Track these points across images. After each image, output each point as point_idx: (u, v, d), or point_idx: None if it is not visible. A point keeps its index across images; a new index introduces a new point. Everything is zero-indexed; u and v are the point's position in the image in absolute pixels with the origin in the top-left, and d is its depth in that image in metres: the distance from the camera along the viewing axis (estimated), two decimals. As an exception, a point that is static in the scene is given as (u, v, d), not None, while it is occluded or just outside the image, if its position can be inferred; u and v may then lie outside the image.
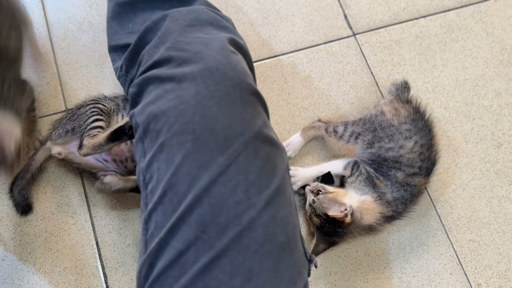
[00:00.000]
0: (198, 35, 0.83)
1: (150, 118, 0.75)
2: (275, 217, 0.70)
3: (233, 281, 0.65)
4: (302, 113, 1.22)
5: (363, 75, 1.28)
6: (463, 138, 1.25)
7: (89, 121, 0.99)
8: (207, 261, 0.65)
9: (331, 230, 0.98)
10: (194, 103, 0.72)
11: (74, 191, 1.08)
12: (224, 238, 0.66)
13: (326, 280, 1.08)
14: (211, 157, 0.69)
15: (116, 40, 0.97)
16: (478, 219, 1.17)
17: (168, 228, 0.68)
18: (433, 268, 1.11)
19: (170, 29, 0.84)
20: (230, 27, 0.91)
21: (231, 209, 0.67)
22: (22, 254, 1.02)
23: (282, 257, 0.70)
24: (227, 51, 0.80)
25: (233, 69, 0.77)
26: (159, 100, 0.75)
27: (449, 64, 1.33)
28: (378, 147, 1.05)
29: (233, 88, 0.75)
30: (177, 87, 0.75)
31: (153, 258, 0.69)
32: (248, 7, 1.32)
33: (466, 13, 1.40)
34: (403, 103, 1.10)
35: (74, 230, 1.05)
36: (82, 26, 1.24)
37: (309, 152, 1.19)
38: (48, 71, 1.18)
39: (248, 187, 0.69)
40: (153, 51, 0.84)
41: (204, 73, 0.75)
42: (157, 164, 0.73)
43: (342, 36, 1.32)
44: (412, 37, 1.34)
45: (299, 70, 1.27)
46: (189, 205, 0.67)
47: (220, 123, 0.71)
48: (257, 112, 0.77)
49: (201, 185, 0.68)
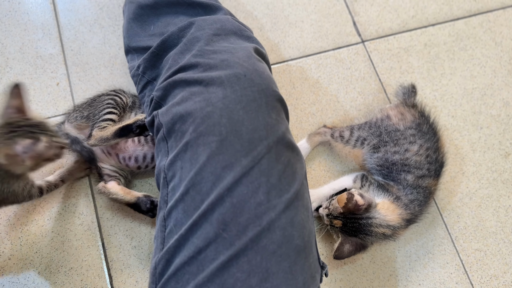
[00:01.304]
0: (224, 44, 0.85)
1: (176, 118, 0.76)
2: (293, 220, 0.71)
3: (250, 280, 0.65)
4: (310, 119, 1.22)
5: (371, 82, 1.28)
6: (470, 147, 1.25)
7: (103, 112, 1.01)
8: (226, 259, 0.66)
9: (355, 224, 0.97)
10: (221, 106, 0.74)
11: (81, 192, 1.09)
12: (244, 237, 0.67)
13: (331, 286, 1.07)
14: (235, 159, 0.71)
15: (136, 42, 0.98)
16: (485, 228, 1.17)
17: (188, 225, 0.69)
18: (438, 277, 1.11)
19: (197, 37, 0.86)
20: (253, 37, 0.93)
21: (252, 209, 0.68)
22: (28, 254, 1.03)
23: (297, 260, 0.70)
24: (253, 59, 0.83)
25: (259, 75, 0.79)
26: (186, 101, 0.77)
27: (458, 72, 1.33)
28: (384, 151, 1.06)
29: (259, 94, 0.77)
30: (204, 90, 0.76)
31: (171, 254, 0.70)
32: (257, 12, 1.33)
33: (475, 22, 1.40)
34: (408, 108, 1.10)
35: (81, 231, 1.06)
36: (92, 28, 1.25)
37: (315, 157, 1.19)
38: (58, 72, 1.19)
39: (269, 189, 0.71)
40: (178, 57, 0.85)
41: (232, 79, 0.77)
42: (180, 163, 0.74)
43: (350, 42, 1.33)
44: (421, 45, 1.35)
45: (308, 75, 1.27)
46: (211, 204, 0.68)
47: (245, 126, 0.73)
48: (281, 118, 0.79)
49: (225, 185, 0.69)
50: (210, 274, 0.66)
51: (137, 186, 1.10)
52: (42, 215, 1.06)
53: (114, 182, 1.03)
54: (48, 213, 1.06)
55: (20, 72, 1.18)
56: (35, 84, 1.17)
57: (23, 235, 1.04)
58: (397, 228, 0.97)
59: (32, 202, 1.06)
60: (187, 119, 0.75)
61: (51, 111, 1.15)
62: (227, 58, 0.81)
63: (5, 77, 1.17)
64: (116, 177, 1.04)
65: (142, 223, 1.07)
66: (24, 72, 1.18)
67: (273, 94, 0.79)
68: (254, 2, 1.34)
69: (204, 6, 0.97)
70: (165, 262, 0.70)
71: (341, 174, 1.17)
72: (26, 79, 1.17)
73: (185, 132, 0.75)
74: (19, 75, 1.18)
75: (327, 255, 1.09)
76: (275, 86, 0.82)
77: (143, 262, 1.04)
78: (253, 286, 0.65)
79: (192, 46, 0.86)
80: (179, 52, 0.87)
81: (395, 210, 0.98)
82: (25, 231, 1.04)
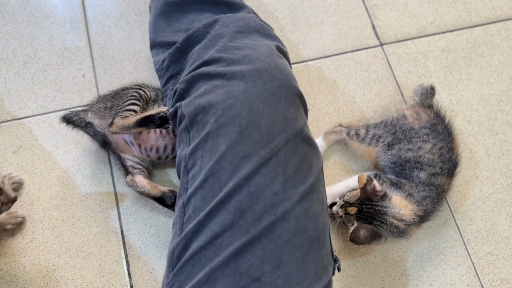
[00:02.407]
0: (246, 41, 0.88)
1: (198, 109, 0.79)
2: (307, 212, 0.73)
3: (263, 266, 0.68)
4: (326, 118, 1.25)
5: (388, 85, 1.30)
6: (485, 152, 1.26)
7: (126, 103, 1.04)
8: (241, 244, 0.68)
9: (371, 210, 0.97)
10: (242, 99, 0.76)
11: (103, 180, 1.12)
12: (259, 225, 0.69)
13: (343, 282, 1.09)
14: (254, 150, 0.73)
15: (162, 37, 1.01)
16: (497, 232, 1.18)
17: (207, 211, 0.71)
18: (450, 278, 1.12)
19: (221, 33, 0.89)
20: (275, 35, 0.96)
21: (268, 199, 0.71)
22: (49, 238, 1.06)
23: (310, 250, 0.72)
24: (274, 55, 0.85)
25: (280, 71, 0.82)
26: (208, 94, 0.80)
27: (474, 78, 1.34)
28: (398, 148, 1.08)
29: (279, 89, 0.79)
30: (227, 83, 0.79)
31: (188, 239, 0.72)
32: (279, 13, 1.36)
33: (493, 30, 1.41)
34: (424, 108, 1.12)
35: (101, 218, 1.09)
36: (118, 23, 1.29)
37: (331, 156, 1.21)
38: (84, 64, 1.23)
39: (285, 180, 0.73)
40: (202, 52, 0.88)
41: (253, 73, 0.79)
42: (201, 152, 0.77)
43: (369, 45, 1.35)
44: (439, 50, 1.36)
45: (326, 76, 1.30)
46: (229, 192, 0.71)
47: (265, 119, 0.75)
48: (299, 113, 0.81)
49: (243, 174, 0.71)
50: (225, 259, 0.68)
51: (156, 176, 1.13)
52: (64, 200, 1.09)
53: (141, 176, 1.07)
54: (70, 200, 1.10)
55: (48, 62, 1.22)
56: (61, 74, 1.21)
57: (45, 220, 1.07)
58: (410, 224, 0.98)
59: (55, 188, 1.10)
60: (209, 110, 0.78)
61: (76, 101, 1.19)
62: (249, 54, 0.83)
63: (34, 67, 1.21)
64: (141, 170, 1.07)
65: (160, 213, 1.10)
66: (52, 63, 1.22)
67: (293, 89, 0.82)
68: (276, 3, 1.37)
69: (228, 4, 1.00)
70: (182, 246, 0.73)
71: (355, 173, 1.19)
72: (53, 70, 1.21)
73: (206, 123, 0.78)
74: (47, 66, 1.22)
75: (340, 252, 1.11)
76: (295, 82, 0.84)
77: (160, 250, 1.07)
78: (266, 272, 0.68)
79: (216, 42, 0.88)
80: (203, 47, 0.89)
81: (408, 206, 1.00)
82: (47, 215, 1.08)
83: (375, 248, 1.13)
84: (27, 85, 1.19)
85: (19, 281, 1.02)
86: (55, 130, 1.15)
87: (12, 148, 1.13)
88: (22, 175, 1.10)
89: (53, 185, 1.11)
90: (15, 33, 1.24)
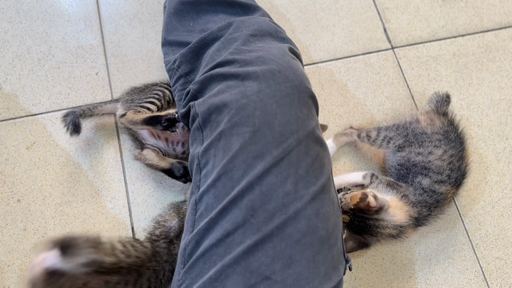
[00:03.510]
0: (259, 45, 0.88)
1: (212, 109, 0.80)
2: (319, 212, 0.74)
3: (274, 265, 0.68)
4: (337, 120, 1.25)
5: (399, 88, 1.31)
6: (495, 156, 1.26)
7: (145, 100, 1.06)
8: (252, 243, 0.69)
9: (361, 223, 0.99)
10: (256, 99, 0.77)
11: (114, 177, 1.13)
12: (270, 224, 0.69)
13: (351, 284, 1.09)
14: (266, 149, 0.73)
15: (174, 36, 1.02)
16: (506, 237, 1.18)
17: (219, 209, 0.72)
18: (458, 282, 1.12)
19: (235, 38, 0.89)
20: (288, 38, 0.96)
21: (280, 198, 0.71)
22: (61, 233, 1.07)
23: (321, 250, 0.73)
24: (287, 57, 0.86)
25: (293, 72, 0.82)
26: (222, 93, 0.80)
27: (485, 83, 1.34)
28: (408, 151, 1.08)
29: (292, 90, 0.79)
30: (240, 84, 0.80)
31: (200, 236, 0.73)
32: (291, 15, 1.36)
33: (504, 35, 1.41)
34: (439, 115, 1.12)
35: (112, 214, 1.10)
36: (132, 22, 1.30)
37: (341, 158, 1.21)
38: (98, 62, 1.24)
39: (297, 180, 0.73)
40: (215, 55, 0.89)
41: (267, 74, 0.80)
42: (214, 150, 0.77)
43: (380, 48, 1.35)
44: (450, 55, 1.36)
45: (337, 78, 1.30)
46: (241, 190, 0.71)
47: (278, 119, 0.76)
48: (311, 114, 0.81)
49: (255, 174, 0.72)
50: (236, 256, 0.69)
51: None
52: (76, 197, 1.10)
53: (149, 149, 1.08)
54: (81, 196, 1.11)
55: (62, 60, 1.24)
56: (75, 72, 1.22)
57: (57, 215, 1.09)
58: (405, 227, 0.99)
59: (68, 185, 1.11)
60: (222, 110, 0.78)
61: (89, 98, 1.20)
62: (262, 55, 0.84)
63: (48, 64, 1.23)
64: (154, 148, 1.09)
65: (170, 211, 1.11)
66: (66, 60, 1.24)
67: (306, 90, 0.82)
68: (288, 5, 1.37)
69: (243, 6, 1.01)
70: (194, 244, 0.74)
71: (365, 176, 1.19)
72: (67, 67, 1.23)
73: (220, 122, 0.78)
74: (61, 63, 1.23)
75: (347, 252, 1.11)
76: (308, 83, 0.85)
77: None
78: (277, 271, 0.68)
79: (230, 45, 0.89)
80: (216, 50, 0.90)
81: (403, 207, 1.01)
82: (59, 211, 1.09)
83: (384, 250, 1.13)
84: (41, 82, 1.21)
85: (30, 276, 1.03)
86: (68, 127, 1.17)
87: (25, 144, 1.14)
88: (35, 171, 1.12)
89: (65, 181, 1.12)
90: (30, 30, 1.26)
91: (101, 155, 1.15)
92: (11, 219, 1.07)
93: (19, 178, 1.11)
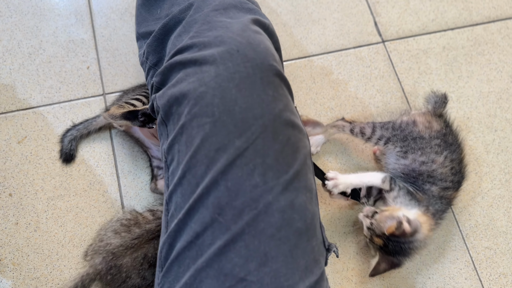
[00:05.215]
0: (221, 19, 0.81)
1: (172, 101, 0.75)
2: (293, 203, 0.69)
3: (248, 265, 0.65)
4: (328, 113, 1.26)
5: (390, 81, 1.32)
6: (484, 148, 1.28)
7: (132, 96, 1.07)
8: (222, 243, 0.65)
9: (396, 248, 0.96)
10: (214, 85, 0.71)
11: (106, 171, 1.13)
12: (240, 221, 0.66)
13: (343, 275, 1.10)
14: (228, 140, 0.69)
15: (144, 27, 0.96)
16: (496, 227, 1.19)
17: (186, 209, 0.69)
18: (448, 272, 1.13)
19: (195, 19, 0.83)
20: (255, 8, 0.88)
21: (248, 192, 0.67)
22: (53, 227, 1.07)
23: (299, 243, 0.69)
24: (248, 31, 0.78)
25: (253, 49, 0.75)
26: (180, 83, 0.75)
27: (474, 76, 1.36)
28: (412, 159, 1.05)
29: (253, 70, 0.72)
30: (198, 70, 0.74)
31: (172, 238, 0.70)
32: (282, 9, 1.37)
33: (493, 28, 1.43)
34: (436, 117, 1.10)
35: (104, 208, 1.10)
36: (123, 16, 1.30)
37: (332, 151, 1.22)
38: (89, 56, 1.24)
39: (265, 170, 0.68)
40: (176, 40, 0.83)
41: (224, 55, 0.73)
42: (177, 146, 0.73)
43: (371, 42, 1.36)
44: (440, 48, 1.38)
45: (328, 71, 1.31)
46: (206, 188, 0.67)
47: (239, 105, 0.70)
48: (279, 94, 0.74)
49: (218, 168, 0.67)
50: (208, 259, 0.65)
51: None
52: (68, 191, 1.10)
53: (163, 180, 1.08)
54: (73, 190, 1.10)
55: (53, 54, 1.23)
56: (66, 66, 1.22)
57: (49, 209, 1.08)
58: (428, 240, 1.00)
59: (59, 179, 1.11)
60: (182, 101, 0.73)
61: (81, 93, 1.20)
62: (221, 34, 0.77)
63: (38, 58, 1.22)
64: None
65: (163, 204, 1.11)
66: (57, 54, 1.23)
67: (269, 68, 0.74)
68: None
69: None
70: (168, 246, 0.71)
71: (357, 168, 1.20)
72: (58, 61, 1.22)
73: (181, 115, 0.73)
74: (52, 57, 1.23)
75: (340, 245, 1.12)
76: (272, 59, 0.77)
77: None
78: (252, 271, 0.64)
79: (190, 28, 0.82)
80: (177, 35, 0.83)
81: (427, 221, 0.99)
82: (51, 205, 1.09)
83: (375, 241, 1.14)
84: (32, 76, 1.20)
85: (22, 270, 1.03)
86: (59, 121, 1.16)
87: (17, 138, 1.14)
88: (27, 165, 1.11)
89: (57, 175, 1.11)
90: (20, 24, 1.25)
91: (93, 149, 1.15)
92: (2, 213, 1.07)
93: (11, 172, 1.11)
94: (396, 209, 1.01)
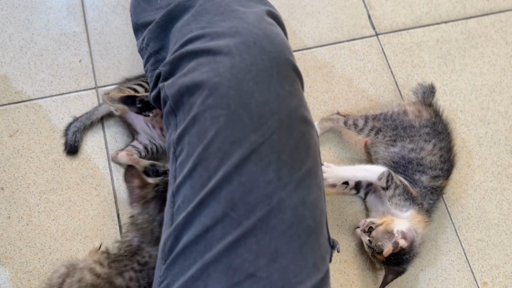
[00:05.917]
0: (234, 8, 0.79)
1: (183, 90, 0.73)
2: (305, 200, 0.69)
3: (258, 261, 0.64)
4: (322, 106, 1.26)
5: (383, 74, 1.32)
6: (477, 141, 1.28)
7: (135, 83, 1.08)
8: (233, 238, 0.64)
9: (398, 260, 0.99)
10: (230, 77, 0.69)
11: (99, 164, 1.13)
12: (252, 217, 0.65)
13: (336, 267, 1.11)
14: (244, 134, 0.67)
15: (144, 17, 0.92)
16: (488, 220, 1.20)
17: (196, 202, 0.67)
18: (440, 264, 1.14)
19: (205, 8, 0.80)
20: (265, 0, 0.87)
21: (261, 188, 0.66)
22: (45, 221, 1.07)
23: (308, 241, 0.69)
24: (264, 23, 0.76)
25: (271, 42, 0.73)
26: (192, 72, 0.72)
27: (468, 69, 1.36)
28: (401, 146, 1.06)
29: (270, 63, 0.71)
30: (212, 59, 0.71)
31: (179, 231, 0.69)
32: (275, 2, 1.36)
33: (486, 22, 1.43)
34: (426, 106, 1.12)
35: (97, 201, 1.10)
36: (116, 9, 1.29)
37: (326, 143, 1.22)
38: (81, 49, 1.23)
39: (279, 167, 0.67)
40: (185, 29, 0.80)
41: (240, 47, 0.71)
42: (188, 137, 0.71)
43: (365, 35, 1.36)
44: (433, 41, 1.38)
45: (321, 65, 1.31)
46: (218, 182, 0.66)
47: (255, 99, 0.68)
48: (294, 89, 0.73)
49: (233, 162, 0.66)
50: (217, 254, 0.64)
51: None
52: (60, 184, 1.10)
53: (124, 153, 1.09)
54: (66, 183, 1.10)
55: (44, 47, 1.22)
56: (58, 59, 1.21)
57: (42, 203, 1.08)
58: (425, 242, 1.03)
59: (52, 172, 1.10)
60: (194, 91, 0.71)
61: (73, 86, 1.19)
62: (235, 25, 0.75)
63: (30, 51, 1.21)
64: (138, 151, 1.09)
65: (156, 197, 1.11)
66: (48, 47, 1.22)
67: (286, 62, 0.73)
68: (272, -8, 1.37)
69: None
70: (173, 239, 0.69)
71: (350, 161, 1.21)
72: (50, 55, 1.21)
73: (192, 105, 0.71)
74: (43, 51, 1.22)
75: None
76: (289, 53, 0.76)
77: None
78: (261, 267, 0.64)
79: (201, 17, 0.80)
80: (186, 24, 0.80)
81: (422, 219, 1.01)
82: (44, 199, 1.08)
83: (368, 234, 1.15)
84: (23, 69, 1.19)
85: (15, 264, 1.02)
86: (51, 114, 1.16)
87: (8, 132, 1.13)
88: (18, 158, 1.11)
89: (49, 169, 1.11)
90: (11, 17, 1.24)
91: (85, 142, 1.14)
92: (-6, 207, 1.07)
93: (2, 166, 1.10)
94: (389, 222, 1.01)
